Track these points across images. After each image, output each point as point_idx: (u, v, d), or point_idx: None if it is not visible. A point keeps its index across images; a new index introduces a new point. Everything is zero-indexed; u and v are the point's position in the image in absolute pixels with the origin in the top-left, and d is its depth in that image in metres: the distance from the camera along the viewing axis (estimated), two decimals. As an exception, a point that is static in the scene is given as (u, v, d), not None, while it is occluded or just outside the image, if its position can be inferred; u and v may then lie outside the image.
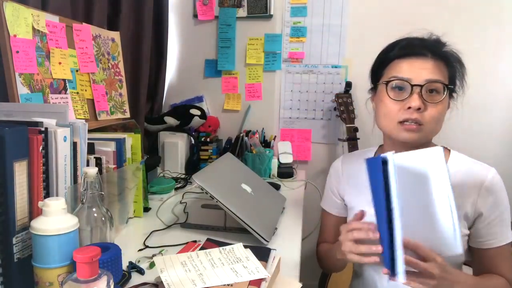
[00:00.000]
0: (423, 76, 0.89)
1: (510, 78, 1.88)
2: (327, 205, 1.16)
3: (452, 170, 0.96)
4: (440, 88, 0.90)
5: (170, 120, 1.89)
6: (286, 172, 1.81)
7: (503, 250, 0.93)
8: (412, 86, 0.89)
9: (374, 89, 1.02)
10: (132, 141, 1.19)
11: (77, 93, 1.22)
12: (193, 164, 1.86)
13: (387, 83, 0.93)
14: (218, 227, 1.12)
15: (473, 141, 1.91)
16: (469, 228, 0.94)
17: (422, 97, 0.89)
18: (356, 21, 1.94)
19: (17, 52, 0.98)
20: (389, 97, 0.92)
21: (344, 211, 1.12)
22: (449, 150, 1.00)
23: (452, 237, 0.77)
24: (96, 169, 0.80)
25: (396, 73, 0.92)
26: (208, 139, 1.90)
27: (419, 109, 0.88)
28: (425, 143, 0.95)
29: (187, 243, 0.99)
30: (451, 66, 0.94)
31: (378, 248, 0.76)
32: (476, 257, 0.96)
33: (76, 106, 1.20)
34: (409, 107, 0.89)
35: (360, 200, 1.05)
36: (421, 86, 0.89)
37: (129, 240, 1.05)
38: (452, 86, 0.93)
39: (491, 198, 0.92)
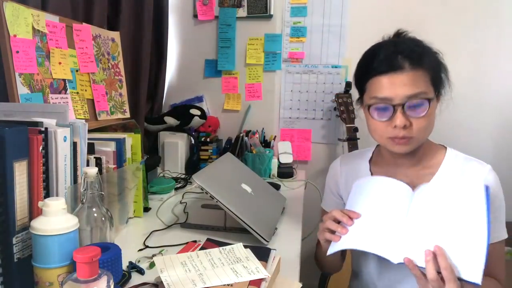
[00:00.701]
0: (403, 92, 0.88)
1: (507, 77, 1.88)
2: (327, 205, 1.16)
3: (448, 167, 0.97)
4: (423, 101, 0.89)
5: (170, 120, 1.89)
6: (286, 172, 1.81)
7: (497, 248, 0.93)
8: (394, 106, 0.89)
9: (360, 99, 1.02)
10: (132, 141, 1.19)
11: (77, 93, 1.22)
12: (193, 164, 1.86)
13: (369, 106, 0.94)
14: (218, 227, 1.12)
15: (469, 138, 1.91)
16: None
17: (405, 114, 0.89)
18: (356, 21, 1.94)
19: (17, 52, 0.99)
20: (373, 118, 0.93)
21: None
22: (445, 148, 1.01)
23: (478, 265, 0.73)
24: (96, 169, 0.79)
25: (376, 93, 0.92)
26: (208, 139, 1.90)
27: (404, 126, 0.88)
28: (419, 146, 0.96)
29: (187, 243, 0.99)
30: (431, 69, 0.92)
31: (343, 231, 0.85)
32: None
33: (76, 106, 1.20)
34: (395, 126, 0.89)
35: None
36: (402, 105, 0.88)
37: (129, 240, 1.05)
38: (433, 96, 0.92)
39: None
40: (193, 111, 1.90)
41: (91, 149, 1.04)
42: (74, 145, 0.85)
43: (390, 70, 0.90)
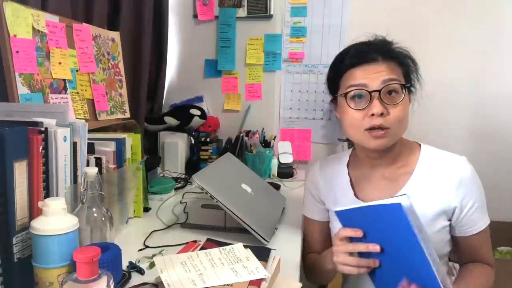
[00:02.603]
0: (378, 79, 0.89)
1: (507, 76, 1.88)
2: (309, 211, 1.13)
3: (425, 164, 0.97)
4: (398, 87, 0.90)
5: (170, 120, 1.89)
6: (286, 172, 1.81)
7: (483, 235, 0.95)
8: (370, 92, 0.89)
9: (334, 100, 1.01)
10: (132, 141, 1.19)
11: (77, 93, 1.22)
12: (193, 164, 1.86)
13: (345, 94, 0.93)
14: (218, 227, 1.12)
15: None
16: (449, 220, 0.95)
17: (382, 101, 0.89)
18: (356, 21, 1.94)
19: (17, 52, 0.98)
20: (350, 107, 0.92)
21: (327, 216, 1.10)
22: (419, 144, 1.01)
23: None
24: (96, 169, 0.79)
25: (351, 82, 0.92)
26: (208, 139, 1.90)
27: (382, 114, 0.88)
28: (395, 143, 0.96)
29: (187, 243, 0.99)
30: (403, 64, 0.94)
31: (376, 263, 0.80)
32: (459, 245, 0.98)
33: (76, 106, 1.20)
34: (372, 114, 0.89)
35: (338, 206, 1.04)
36: (379, 90, 0.89)
37: (129, 240, 1.05)
38: (408, 84, 0.94)
39: (467, 188, 0.93)
40: (193, 111, 1.90)
41: (91, 149, 1.04)
42: (74, 145, 0.85)
43: (363, 62, 0.92)
